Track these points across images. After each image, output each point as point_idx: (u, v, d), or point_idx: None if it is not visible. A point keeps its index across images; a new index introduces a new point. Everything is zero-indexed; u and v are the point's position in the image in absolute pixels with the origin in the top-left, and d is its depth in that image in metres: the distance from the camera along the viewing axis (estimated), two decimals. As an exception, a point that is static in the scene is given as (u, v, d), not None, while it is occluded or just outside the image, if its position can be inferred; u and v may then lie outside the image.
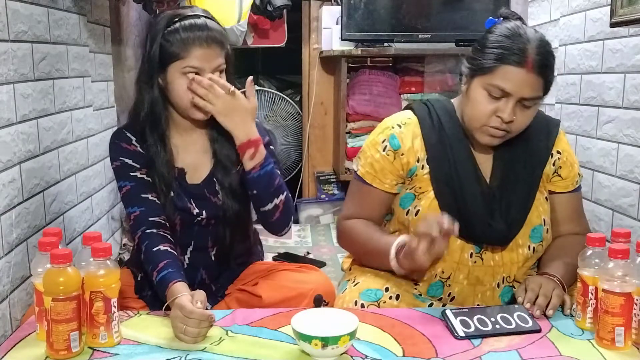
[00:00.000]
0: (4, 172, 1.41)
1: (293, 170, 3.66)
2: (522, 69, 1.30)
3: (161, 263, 1.33)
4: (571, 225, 1.50)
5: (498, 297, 1.45)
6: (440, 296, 1.46)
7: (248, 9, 3.06)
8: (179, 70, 1.39)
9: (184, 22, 1.41)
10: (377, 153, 1.46)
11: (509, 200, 1.41)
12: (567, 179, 1.48)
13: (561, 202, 1.49)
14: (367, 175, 1.47)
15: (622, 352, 1.14)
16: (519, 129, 1.37)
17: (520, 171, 1.42)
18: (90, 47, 2.09)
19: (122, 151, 1.46)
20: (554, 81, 1.38)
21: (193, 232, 1.51)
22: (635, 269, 1.14)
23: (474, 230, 1.38)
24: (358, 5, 3.00)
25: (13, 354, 1.15)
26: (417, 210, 1.42)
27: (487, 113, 1.34)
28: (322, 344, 1.08)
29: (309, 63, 3.51)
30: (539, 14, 2.57)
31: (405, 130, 1.46)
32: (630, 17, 1.58)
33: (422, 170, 1.44)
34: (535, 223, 1.43)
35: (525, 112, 1.35)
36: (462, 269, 1.42)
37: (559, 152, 1.47)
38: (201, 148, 1.51)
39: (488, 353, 1.14)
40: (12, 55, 1.46)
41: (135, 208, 1.43)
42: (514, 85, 1.30)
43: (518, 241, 1.42)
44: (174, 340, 1.20)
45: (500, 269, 1.42)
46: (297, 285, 1.47)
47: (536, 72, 1.30)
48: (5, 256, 1.40)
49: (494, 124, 1.34)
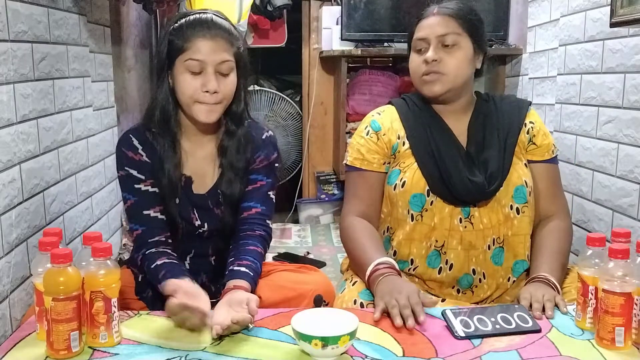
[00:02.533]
0: (4, 172, 1.41)
1: (293, 170, 3.66)
2: (430, 17, 1.51)
3: (160, 274, 1.35)
4: (549, 200, 1.56)
5: (489, 259, 1.51)
6: (439, 266, 1.50)
7: (248, 9, 3.06)
8: (183, 64, 1.39)
9: (190, 18, 1.42)
10: (362, 139, 1.57)
11: (485, 158, 1.51)
12: (542, 147, 1.56)
13: (539, 173, 1.56)
14: (356, 161, 1.56)
15: (622, 352, 1.14)
16: (451, 69, 1.48)
17: (493, 135, 1.53)
18: (90, 47, 2.09)
19: (128, 160, 1.45)
20: (480, 26, 1.53)
21: (194, 241, 1.52)
22: (635, 269, 1.14)
23: (456, 189, 1.47)
24: (358, 5, 3.00)
25: (13, 354, 1.15)
26: (403, 182, 1.50)
27: (418, 64, 1.51)
28: (322, 344, 1.08)
29: (309, 63, 3.51)
30: (539, 14, 2.57)
31: (384, 115, 1.60)
32: (630, 17, 1.58)
33: (403, 146, 1.54)
34: (516, 183, 1.50)
35: (451, 52, 1.48)
36: (454, 234, 1.49)
37: (532, 122, 1.57)
38: (209, 155, 1.51)
39: (488, 353, 1.14)
40: (12, 55, 1.46)
41: (137, 226, 1.44)
42: (424, 29, 1.50)
43: (501, 201, 1.49)
44: (174, 340, 1.20)
45: (489, 231, 1.49)
46: (297, 285, 1.48)
47: (443, 14, 1.49)
48: (5, 256, 1.40)
49: (425, 70, 1.49)
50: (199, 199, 1.49)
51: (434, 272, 1.51)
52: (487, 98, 1.60)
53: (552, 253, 1.46)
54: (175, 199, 1.47)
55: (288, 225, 3.50)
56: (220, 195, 1.49)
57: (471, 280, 1.51)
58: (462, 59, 1.49)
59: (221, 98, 1.41)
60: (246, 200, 1.50)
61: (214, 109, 1.42)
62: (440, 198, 1.48)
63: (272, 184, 1.53)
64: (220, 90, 1.40)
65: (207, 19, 1.42)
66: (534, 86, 2.62)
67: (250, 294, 1.29)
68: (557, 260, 1.45)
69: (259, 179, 1.52)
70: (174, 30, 1.42)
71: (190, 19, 1.42)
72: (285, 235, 3.30)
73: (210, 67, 1.38)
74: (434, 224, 1.49)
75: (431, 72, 1.49)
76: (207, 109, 1.41)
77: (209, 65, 1.38)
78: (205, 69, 1.38)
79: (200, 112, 1.41)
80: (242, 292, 1.29)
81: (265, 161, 1.52)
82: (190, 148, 1.50)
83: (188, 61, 1.38)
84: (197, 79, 1.39)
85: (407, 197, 1.49)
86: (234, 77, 1.43)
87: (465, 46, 1.49)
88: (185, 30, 1.39)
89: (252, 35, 3.37)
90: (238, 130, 1.49)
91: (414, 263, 1.52)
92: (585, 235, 1.26)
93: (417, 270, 1.52)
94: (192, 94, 1.40)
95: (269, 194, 1.52)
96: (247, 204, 1.50)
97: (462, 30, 1.49)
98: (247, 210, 1.49)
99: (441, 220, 1.49)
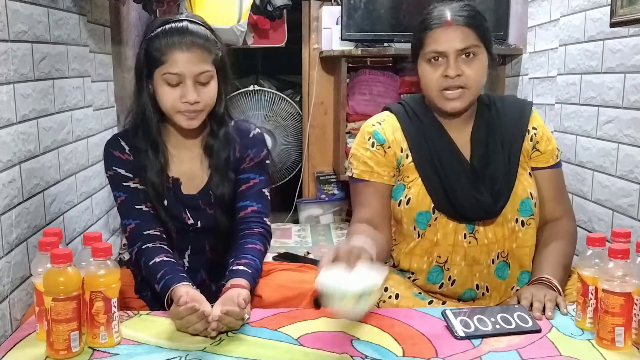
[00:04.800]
0: (4, 172, 1.41)
1: (293, 170, 3.66)
2: (443, 28, 1.42)
3: (158, 274, 1.34)
4: (554, 204, 1.53)
5: (493, 272, 1.48)
6: (440, 281, 1.48)
7: (248, 9, 3.06)
8: (161, 77, 1.38)
9: (166, 27, 1.40)
10: (367, 151, 1.51)
11: (491, 173, 1.46)
12: (546, 153, 1.52)
13: (544, 179, 1.53)
14: (365, 174, 1.50)
15: (622, 352, 1.14)
16: (473, 82, 1.43)
17: (497, 147, 1.48)
18: (90, 47, 2.09)
19: (115, 160, 1.46)
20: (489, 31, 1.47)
21: (189, 237, 1.52)
22: (635, 269, 1.14)
23: (462, 207, 1.43)
24: (358, 5, 3.00)
25: (13, 354, 1.15)
26: (408, 199, 1.47)
27: (436, 78, 1.43)
28: (358, 298, 1.04)
29: (309, 63, 3.51)
30: (539, 14, 2.57)
31: (385, 125, 1.53)
32: (630, 17, 1.58)
33: (407, 159, 1.50)
34: (522, 196, 1.47)
35: (471, 64, 1.42)
36: (458, 250, 1.46)
37: (535, 128, 1.53)
38: (197, 157, 1.51)
39: (488, 353, 1.14)
40: (12, 55, 1.46)
41: (130, 220, 1.45)
42: (442, 43, 1.41)
43: (507, 215, 1.46)
44: (174, 340, 1.20)
45: (494, 246, 1.47)
46: (297, 285, 1.47)
47: (459, 24, 1.41)
48: (5, 256, 1.40)
49: (446, 85, 1.42)
50: (190, 200, 1.50)
51: (435, 287, 1.49)
52: (487, 102, 1.54)
53: (556, 256, 1.44)
54: (163, 201, 1.47)
55: (288, 225, 3.50)
56: (211, 196, 1.49)
57: (474, 295, 1.50)
58: (481, 70, 1.44)
59: (202, 107, 1.41)
60: (241, 199, 1.50)
61: (196, 117, 1.42)
62: (445, 215, 1.45)
63: (265, 182, 1.53)
64: (201, 100, 1.39)
65: (183, 28, 1.39)
66: (534, 86, 2.62)
67: (241, 290, 1.27)
68: (560, 263, 1.43)
69: (251, 178, 1.51)
70: (150, 40, 1.40)
71: (166, 28, 1.39)
72: (285, 235, 3.29)
73: (189, 79, 1.37)
74: (437, 239, 1.46)
75: (453, 87, 1.42)
76: (188, 117, 1.41)
77: (187, 78, 1.37)
78: (184, 80, 1.37)
79: (181, 120, 1.42)
80: (236, 289, 1.28)
81: (255, 159, 1.52)
82: (176, 151, 1.50)
83: (166, 75, 1.37)
84: (176, 90, 1.38)
85: (413, 214, 1.46)
86: (215, 84, 1.42)
87: (482, 56, 1.44)
88: (161, 42, 1.37)
89: (252, 35, 3.37)
90: (221, 130, 1.49)
91: (415, 275, 1.51)
92: (586, 236, 1.25)
93: (417, 282, 1.51)
94: (172, 105, 1.40)
95: (264, 192, 1.52)
96: (242, 203, 1.50)
97: (479, 41, 1.43)
98: (243, 210, 1.49)
99: (444, 235, 1.45)
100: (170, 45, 1.36)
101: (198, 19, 1.46)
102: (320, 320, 1.29)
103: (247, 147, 1.52)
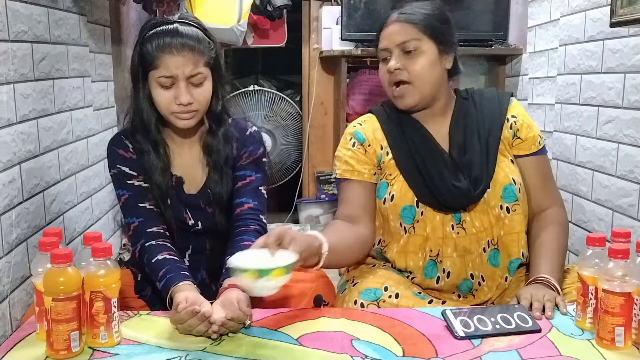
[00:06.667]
0: (4, 172, 1.41)
1: (293, 170, 3.66)
2: (390, 25, 1.52)
3: (160, 272, 1.35)
4: (542, 193, 1.54)
5: (486, 261, 1.50)
6: (436, 275, 1.50)
7: (248, 9, 3.05)
8: (154, 80, 1.39)
9: (157, 30, 1.40)
10: (349, 151, 1.56)
11: (468, 161, 1.49)
12: (527, 140, 1.54)
13: (528, 167, 1.54)
14: (346, 173, 1.54)
15: (622, 352, 1.14)
16: (417, 76, 1.48)
17: (474, 136, 1.51)
18: (90, 47, 2.09)
19: (119, 159, 1.47)
20: (442, 26, 1.53)
21: (190, 237, 1.53)
22: (635, 269, 1.14)
23: (443, 196, 1.46)
24: (358, 5, 3.00)
25: (13, 354, 1.15)
26: (392, 196, 1.50)
27: (384, 74, 1.52)
28: (257, 275, 1.12)
29: (309, 63, 3.51)
30: (539, 14, 2.57)
31: (366, 125, 1.59)
32: (630, 17, 1.58)
33: (387, 156, 1.54)
34: (504, 182, 1.48)
35: (414, 58, 1.48)
36: (448, 242, 1.48)
37: (514, 116, 1.55)
38: (196, 155, 1.52)
39: (488, 353, 1.14)
40: (12, 55, 1.46)
41: (133, 219, 1.45)
42: (385, 39, 1.52)
43: (490, 202, 1.48)
44: (174, 340, 1.20)
45: (483, 234, 1.49)
46: (297, 284, 1.47)
47: (401, 21, 1.50)
48: (5, 256, 1.40)
49: (390, 80, 1.50)
50: (191, 199, 1.50)
51: (432, 282, 1.51)
52: (466, 95, 1.59)
53: (552, 252, 1.45)
54: (167, 200, 1.47)
55: (288, 225, 3.50)
56: (210, 195, 1.50)
57: (470, 285, 1.51)
58: (425, 64, 1.48)
59: (197, 107, 1.42)
60: (237, 196, 1.51)
61: (191, 117, 1.43)
62: (430, 207, 1.48)
63: (261, 179, 1.53)
64: (194, 101, 1.40)
65: (173, 30, 1.39)
66: (534, 86, 2.62)
67: (241, 293, 1.27)
68: (557, 260, 1.44)
69: (247, 175, 1.52)
70: (142, 42, 1.41)
71: (157, 31, 1.40)
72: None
73: (182, 81, 1.38)
74: (427, 234, 1.48)
75: (398, 83, 1.49)
76: (183, 117, 1.42)
77: (180, 80, 1.38)
78: (177, 82, 1.38)
79: (176, 121, 1.43)
80: (234, 291, 1.28)
81: (251, 157, 1.52)
82: (177, 149, 1.51)
83: (159, 78, 1.38)
84: (170, 91, 1.39)
85: (398, 210, 1.49)
86: (209, 84, 1.43)
87: (427, 50, 1.48)
88: (153, 44, 1.38)
89: (252, 35, 3.37)
90: (219, 128, 1.50)
91: (412, 274, 1.52)
92: (585, 235, 1.26)
93: (415, 280, 1.52)
94: (167, 107, 1.41)
95: (260, 189, 1.52)
96: (238, 200, 1.50)
97: (423, 35, 1.48)
98: (239, 207, 1.50)
99: (433, 229, 1.48)
100: (161, 49, 1.37)
101: (191, 20, 1.46)
102: (320, 320, 1.29)
103: (244, 145, 1.52)
